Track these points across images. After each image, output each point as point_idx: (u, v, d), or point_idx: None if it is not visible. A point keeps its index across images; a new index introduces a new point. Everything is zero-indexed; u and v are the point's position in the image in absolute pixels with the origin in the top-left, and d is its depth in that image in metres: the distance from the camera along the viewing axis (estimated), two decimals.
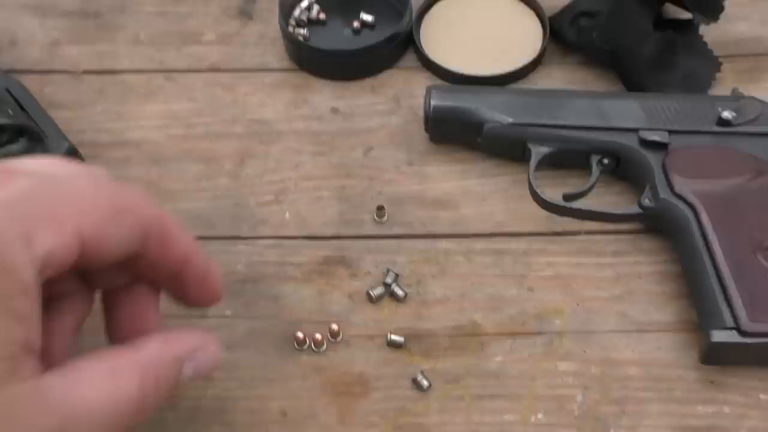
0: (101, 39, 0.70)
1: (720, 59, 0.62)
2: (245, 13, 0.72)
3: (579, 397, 0.49)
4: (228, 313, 0.54)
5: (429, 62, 0.65)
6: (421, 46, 0.66)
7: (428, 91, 0.59)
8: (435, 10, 0.69)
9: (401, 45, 0.66)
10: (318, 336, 0.51)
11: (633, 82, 0.61)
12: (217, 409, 0.49)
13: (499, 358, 0.51)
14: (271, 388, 0.50)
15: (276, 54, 0.68)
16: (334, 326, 0.51)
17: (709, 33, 0.63)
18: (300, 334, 0.51)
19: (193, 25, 0.71)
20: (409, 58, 0.67)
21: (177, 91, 0.66)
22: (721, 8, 0.61)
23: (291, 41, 0.66)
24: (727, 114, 0.54)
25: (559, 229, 0.56)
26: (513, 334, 0.51)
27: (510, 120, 0.57)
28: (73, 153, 0.58)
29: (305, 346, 0.52)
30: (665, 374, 0.49)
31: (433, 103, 0.58)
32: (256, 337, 0.52)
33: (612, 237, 0.55)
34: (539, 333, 0.51)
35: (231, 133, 0.63)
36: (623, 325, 0.51)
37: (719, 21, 0.60)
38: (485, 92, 0.59)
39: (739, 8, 0.68)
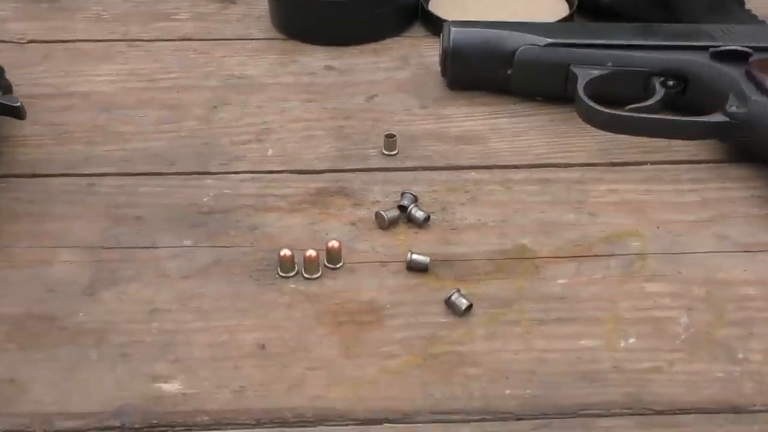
0: (56, 18, 0.60)
1: None
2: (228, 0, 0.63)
3: (684, 319, 0.34)
4: (186, 243, 0.39)
5: (440, 26, 0.56)
6: (434, 12, 0.57)
7: (446, 24, 0.49)
8: None
9: (406, 12, 0.58)
10: (311, 253, 0.37)
11: None
12: (163, 343, 0.34)
13: (563, 281, 0.36)
14: (242, 318, 0.35)
15: (262, 28, 0.59)
16: (334, 243, 0.37)
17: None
18: (286, 252, 0.37)
19: (166, 7, 0.62)
20: (417, 30, 0.58)
21: (141, 55, 0.56)
22: None
23: (280, 0, 0.57)
24: None
25: (618, 160, 0.44)
26: (577, 257, 0.38)
27: (549, 40, 0.46)
28: (7, 89, 0.46)
29: (293, 273, 0.37)
30: None
31: (453, 31, 0.48)
32: (223, 266, 0.38)
33: (687, 167, 0.44)
34: (612, 255, 0.38)
35: (203, 86, 0.52)
36: (724, 246, 0.38)
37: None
38: (514, 22, 0.49)
39: None
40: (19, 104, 0.43)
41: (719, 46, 0.45)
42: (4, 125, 0.47)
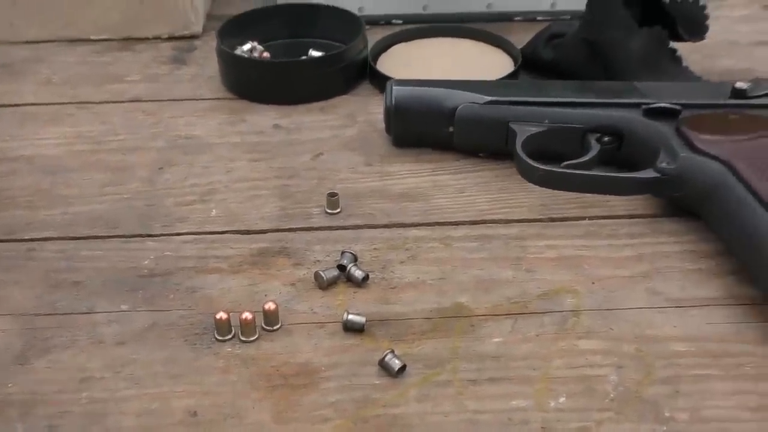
0: (6, 81, 0.61)
1: None
2: (179, 60, 0.64)
3: (613, 377, 0.34)
4: (123, 307, 0.39)
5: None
6: (379, 70, 0.58)
7: (389, 83, 0.50)
8: (393, 50, 0.63)
9: (353, 70, 0.59)
10: (247, 315, 0.37)
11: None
12: (92, 414, 0.33)
13: (498, 339, 0.37)
14: (175, 384, 0.35)
15: (212, 88, 0.60)
16: (271, 305, 0.37)
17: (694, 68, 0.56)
18: (222, 315, 0.37)
19: (117, 70, 0.62)
20: (364, 87, 0.59)
21: (89, 117, 0.56)
22: (706, 27, 0.56)
23: (228, 61, 0.58)
24: (741, 84, 0.46)
25: (557, 215, 0.45)
26: (513, 314, 0.38)
27: (488, 98, 0.47)
28: None
29: (229, 336, 0.37)
30: (727, 350, 0.36)
31: (396, 89, 0.49)
32: (159, 330, 0.38)
33: (624, 221, 0.44)
34: (547, 312, 0.38)
35: (149, 147, 0.52)
36: (656, 301, 0.39)
37: (703, 58, 0.55)
38: (455, 81, 0.50)
39: (719, 49, 0.63)
40: None
41: (651, 103, 0.46)
42: None
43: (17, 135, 0.54)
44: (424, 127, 0.49)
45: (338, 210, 0.45)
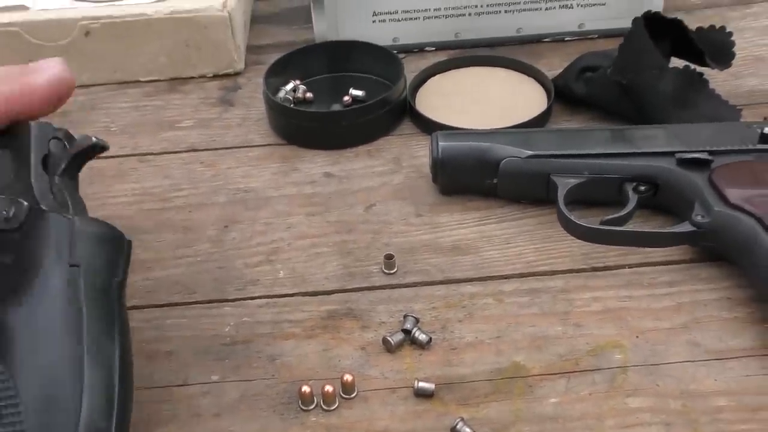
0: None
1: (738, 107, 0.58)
2: (226, 101, 0.68)
3: None
4: (214, 378, 0.44)
5: (428, 124, 0.60)
6: (420, 111, 0.61)
7: (434, 136, 0.54)
8: (430, 83, 0.66)
9: (395, 112, 0.62)
10: (329, 388, 0.41)
11: (655, 122, 0.56)
12: None
13: (554, 400, 0.41)
14: None
15: (261, 133, 0.63)
16: (348, 377, 0.42)
17: (720, 90, 0.58)
18: (306, 389, 0.41)
19: (170, 115, 0.66)
20: (406, 127, 0.62)
21: (151, 171, 0.60)
22: (732, 54, 0.58)
23: (278, 111, 0.61)
24: None
25: (599, 264, 0.48)
26: (566, 373, 0.42)
27: (529, 152, 0.51)
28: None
29: (312, 406, 0.42)
30: (764, 403, 0.40)
31: (441, 144, 0.53)
32: (249, 401, 0.42)
33: (662, 268, 0.48)
34: (597, 369, 0.42)
35: (213, 203, 0.56)
36: (697, 354, 0.42)
37: (729, 77, 0.57)
38: (497, 132, 0.53)
39: (744, 66, 0.65)
40: (95, 141, 0.44)
41: (683, 152, 0.49)
42: None
43: (90, 194, 0.58)
44: (469, 179, 0.53)
45: (395, 270, 0.49)
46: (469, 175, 0.52)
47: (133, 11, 0.67)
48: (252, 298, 0.48)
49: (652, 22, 0.56)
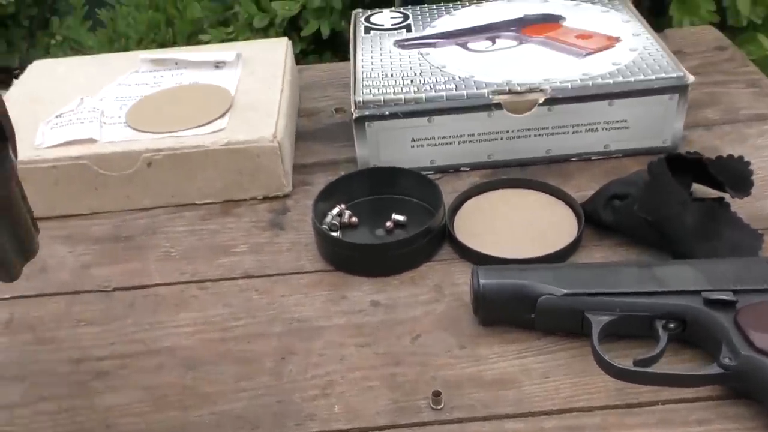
0: (132, 259, 0.70)
1: (759, 231, 0.62)
2: (276, 225, 0.73)
3: None
4: None
5: (466, 251, 0.65)
6: (458, 238, 0.65)
7: (474, 271, 0.58)
8: (466, 206, 0.70)
9: (436, 239, 0.66)
10: None
11: (680, 253, 0.60)
12: None
13: None
14: None
15: (310, 258, 0.68)
16: None
17: (742, 212, 0.62)
18: None
19: (224, 239, 0.71)
20: (445, 252, 0.67)
21: (211, 299, 0.65)
22: (751, 183, 0.62)
23: (326, 241, 0.66)
24: None
25: (633, 401, 0.52)
26: None
27: (564, 291, 0.55)
28: None
29: None
30: None
31: (481, 281, 0.57)
32: None
33: (692, 405, 0.51)
34: None
35: (269, 333, 0.61)
36: None
37: (750, 199, 0.61)
38: (533, 268, 0.58)
39: (764, 187, 0.69)
40: None
41: (709, 290, 0.53)
42: (105, 396, 0.56)
43: (154, 323, 0.63)
44: (508, 313, 0.57)
45: (442, 405, 0.53)
46: (509, 310, 0.57)
47: (191, 143, 0.73)
48: None
49: (673, 160, 0.60)
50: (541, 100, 0.71)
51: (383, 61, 0.79)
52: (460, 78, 0.74)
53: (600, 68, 0.73)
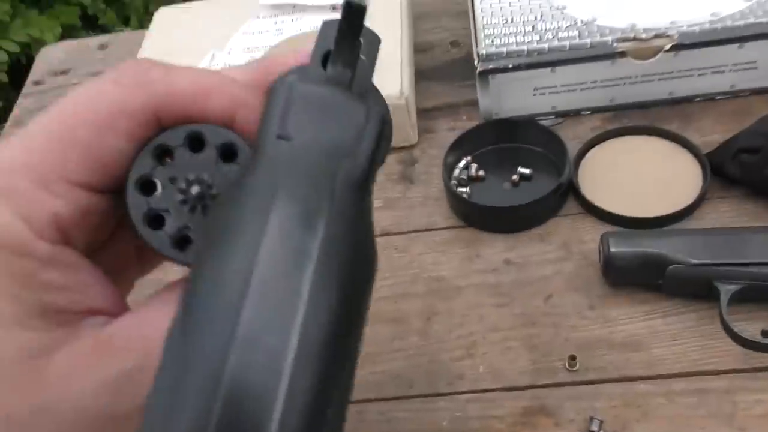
0: None
1: None
2: (407, 178, 0.77)
3: None
4: None
5: (592, 208, 0.68)
6: (583, 193, 0.69)
7: (603, 239, 0.62)
8: (590, 155, 0.73)
9: (563, 195, 0.70)
10: None
11: None
12: None
13: None
14: None
15: (442, 213, 0.73)
16: None
17: None
18: None
19: None
20: (570, 205, 0.70)
21: None
22: None
23: (457, 200, 0.71)
24: None
25: (760, 365, 0.56)
26: None
27: (694, 261, 0.58)
28: None
29: None
30: None
31: (611, 250, 0.61)
32: None
33: None
34: None
35: (414, 293, 0.67)
36: None
37: None
38: (663, 235, 0.61)
39: None
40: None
41: None
42: None
43: None
44: (637, 278, 0.61)
45: (577, 367, 0.59)
46: (637, 275, 0.61)
47: None
48: (460, 393, 0.59)
49: None
50: (668, 47, 0.71)
51: (502, 2, 0.80)
52: (582, 22, 0.75)
53: (730, 6, 0.72)
